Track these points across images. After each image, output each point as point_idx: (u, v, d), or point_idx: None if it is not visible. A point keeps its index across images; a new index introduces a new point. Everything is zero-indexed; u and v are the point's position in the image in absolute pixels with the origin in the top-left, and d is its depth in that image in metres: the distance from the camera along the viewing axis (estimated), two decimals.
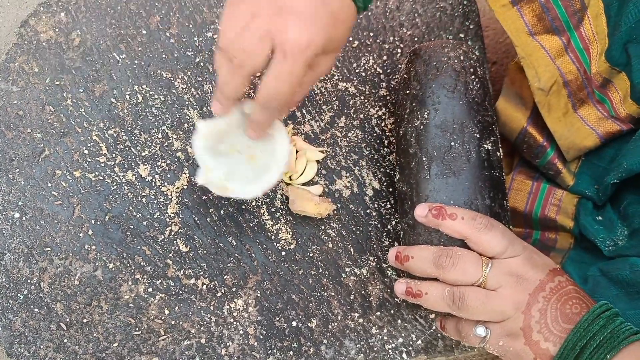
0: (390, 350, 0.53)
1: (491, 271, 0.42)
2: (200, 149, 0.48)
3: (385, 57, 0.60)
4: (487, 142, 0.48)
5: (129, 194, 0.55)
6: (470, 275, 0.42)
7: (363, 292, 0.54)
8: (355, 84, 0.59)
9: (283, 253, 0.55)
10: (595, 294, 0.49)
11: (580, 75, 0.53)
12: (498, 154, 0.49)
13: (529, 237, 0.61)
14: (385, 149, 0.58)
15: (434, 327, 0.54)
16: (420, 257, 0.44)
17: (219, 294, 0.53)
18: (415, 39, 0.60)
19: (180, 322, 0.52)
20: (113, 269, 0.53)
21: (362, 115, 0.58)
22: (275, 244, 0.55)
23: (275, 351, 0.53)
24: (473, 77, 0.49)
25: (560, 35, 0.53)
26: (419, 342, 0.54)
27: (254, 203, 0.55)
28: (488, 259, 0.43)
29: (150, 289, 0.53)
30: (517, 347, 0.41)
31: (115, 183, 0.55)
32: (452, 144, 0.47)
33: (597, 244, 0.52)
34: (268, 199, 0.55)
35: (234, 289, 0.54)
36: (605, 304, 0.40)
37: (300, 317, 0.53)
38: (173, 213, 0.55)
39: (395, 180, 0.53)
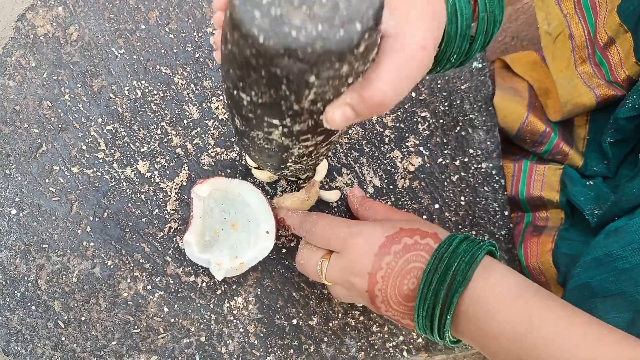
0: (390, 348, 0.53)
1: (328, 271, 0.44)
2: (196, 256, 0.50)
3: None
4: None
5: (128, 190, 0.54)
6: (312, 276, 0.46)
7: None
8: None
9: (283, 250, 0.54)
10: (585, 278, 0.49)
11: (584, 34, 0.54)
12: None
13: (521, 222, 0.61)
14: (385, 146, 0.57)
15: None
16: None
17: (218, 292, 0.53)
18: None
19: (180, 320, 0.52)
20: (111, 266, 0.52)
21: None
22: (275, 241, 0.54)
23: (275, 349, 0.52)
24: None
25: None
26: (420, 340, 0.54)
27: None
28: (327, 256, 0.44)
29: (149, 287, 0.52)
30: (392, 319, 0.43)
31: (113, 179, 0.54)
32: None
33: (585, 215, 0.53)
34: (268, 196, 0.55)
35: (233, 287, 0.53)
36: (438, 255, 0.39)
37: (300, 314, 0.53)
38: (172, 210, 0.54)
39: None
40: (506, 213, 0.57)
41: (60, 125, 0.55)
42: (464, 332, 0.39)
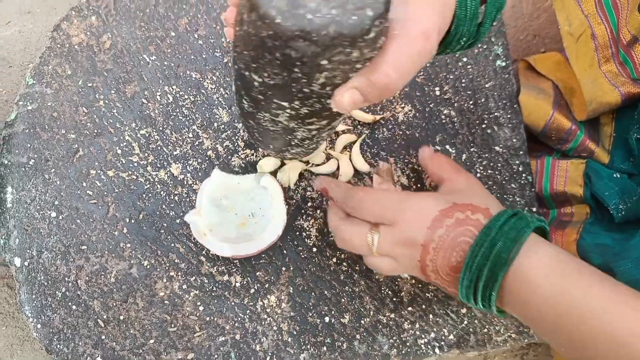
0: (422, 345, 0.54)
1: (379, 244, 0.45)
2: (204, 192, 0.53)
3: None
4: None
5: (162, 192, 0.56)
6: (359, 249, 0.46)
7: (394, 287, 0.55)
8: None
9: (314, 249, 0.55)
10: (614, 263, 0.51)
11: (607, 34, 0.54)
12: None
13: (545, 217, 0.61)
14: (412, 144, 0.58)
15: (465, 322, 0.54)
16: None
17: (252, 291, 0.54)
18: None
19: (215, 319, 0.53)
20: (148, 267, 0.54)
21: (388, 112, 0.59)
22: (306, 240, 0.55)
23: (309, 346, 0.53)
24: None
25: None
26: (451, 337, 0.54)
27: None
28: (376, 228, 0.45)
29: (184, 286, 0.54)
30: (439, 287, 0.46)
31: (148, 182, 0.56)
32: None
33: (610, 210, 0.54)
34: (299, 196, 0.56)
35: (266, 285, 0.54)
36: (485, 231, 0.40)
37: (332, 312, 0.54)
38: None
39: None
40: (534, 209, 0.57)
41: (95, 131, 0.57)
42: (507, 304, 0.41)
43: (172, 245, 0.54)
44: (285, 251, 0.55)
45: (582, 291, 0.37)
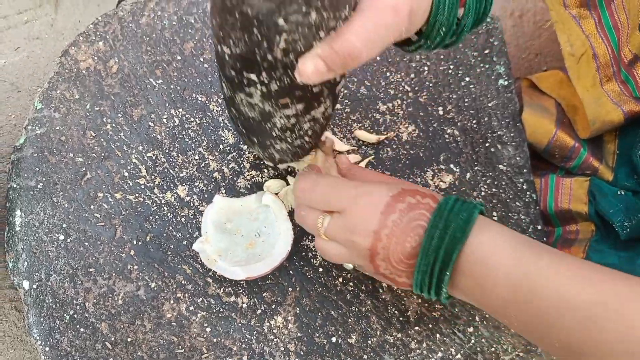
0: None
1: (328, 227, 0.44)
2: (208, 219, 0.53)
3: (412, 75, 0.61)
4: None
5: (169, 214, 0.56)
6: (311, 228, 0.46)
7: (401, 306, 0.55)
8: (384, 101, 0.60)
9: (320, 269, 0.55)
10: None
11: (608, 53, 0.55)
12: None
13: (551, 236, 0.61)
14: (415, 164, 0.59)
15: (473, 341, 0.54)
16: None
17: (259, 311, 0.54)
18: (441, 56, 0.62)
19: (222, 340, 0.53)
20: (155, 288, 0.54)
21: (392, 132, 0.59)
22: (312, 260, 0.55)
23: None
24: None
25: (592, 11, 0.55)
26: (459, 356, 0.54)
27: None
28: (328, 213, 0.44)
29: (191, 307, 0.54)
30: (383, 279, 0.45)
31: (155, 204, 0.56)
32: None
33: (615, 227, 0.54)
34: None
35: (273, 306, 0.54)
36: (438, 214, 0.40)
37: (339, 332, 0.54)
38: None
39: None
40: (539, 227, 0.58)
41: (103, 154, 0.58)
42: (461, 288, 0.41)
43: (179, 266, 0.55)
44: (291, 271, 0.55)
45: (534, 262, 0.38)
